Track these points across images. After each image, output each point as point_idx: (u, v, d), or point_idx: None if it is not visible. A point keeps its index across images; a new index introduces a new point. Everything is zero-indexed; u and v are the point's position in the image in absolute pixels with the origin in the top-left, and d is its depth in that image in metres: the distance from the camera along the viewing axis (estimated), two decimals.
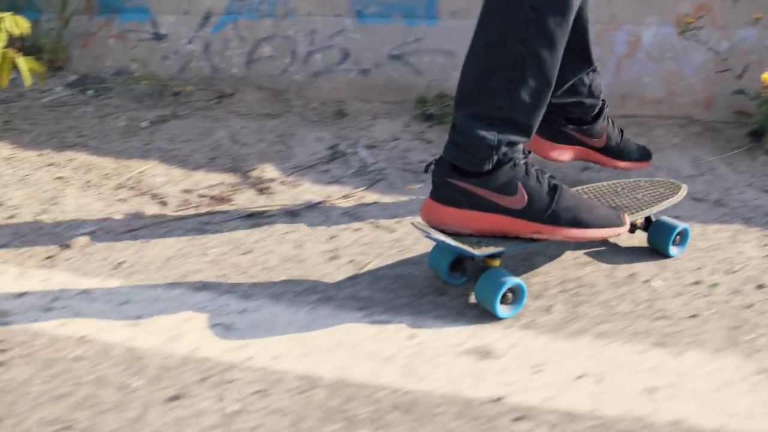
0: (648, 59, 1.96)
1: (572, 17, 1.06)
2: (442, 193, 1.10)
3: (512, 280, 1.06)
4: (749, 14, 1.93)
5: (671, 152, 1.79)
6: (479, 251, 1.06)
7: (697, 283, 1.18)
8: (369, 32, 2.15)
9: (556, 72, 1.07)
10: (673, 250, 1.27)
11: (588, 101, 1.46)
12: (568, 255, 1.29)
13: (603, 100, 1.48)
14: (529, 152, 1.14)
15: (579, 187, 1.32)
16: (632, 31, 1.99)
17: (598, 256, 1.29)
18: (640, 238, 1.32)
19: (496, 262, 1.11)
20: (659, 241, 1.27)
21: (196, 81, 2.23)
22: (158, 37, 2.33)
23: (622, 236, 1.28)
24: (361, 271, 1.25)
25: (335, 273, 1.24)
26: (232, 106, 2.13)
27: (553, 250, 1.30)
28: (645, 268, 1.24)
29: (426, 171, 1.13)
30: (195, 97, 2.18)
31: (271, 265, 1.27)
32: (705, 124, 1.91)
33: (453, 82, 1.12)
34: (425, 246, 1.29)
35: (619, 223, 1.14)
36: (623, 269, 1.24)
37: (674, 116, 1.93)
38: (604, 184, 1.36)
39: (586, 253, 1.29)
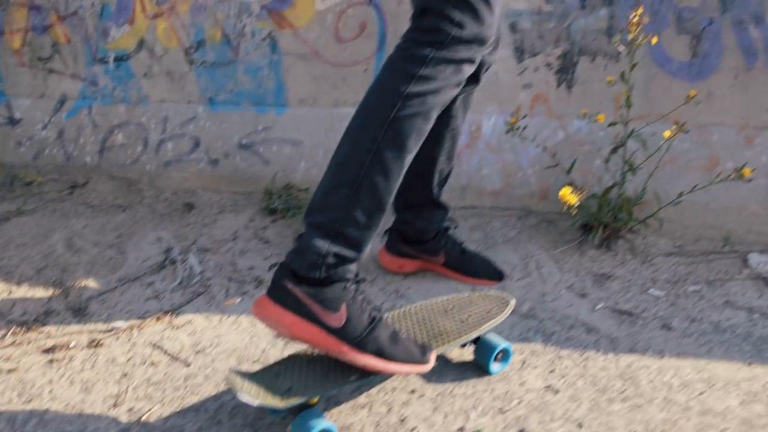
0: (487, 150, 2.00)
1: (409, 156, 1.19)
2: (276, 292, 1.15)
3: (322, 424, 1.08)
4: (583, 105, 1.98)
5: (505, 247, 1.83)
6: (284, 403, 1.07)
7: (460, 430, 1.20)
8: (220, 120, 2.14)
9: (389, 199, 1.18)
10: (494, 367, 1.32)
11: (424, 225, 1.62)
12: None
13: (444, 226, 1.58)
14: (363, 279, 1.22)
15: (411, 306, 1.36)
16: (473, 120, 2.02)
17: (425, 377, 1.31)
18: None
19: (315, 400, 1.13)
20: (482, 358, 1.33)
21: (49, 169, 2.20)
22: (12, 121, 2.28)
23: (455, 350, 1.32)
24: (138, 422, 1.24)
25: (109, 427, 1.23)
26: (84, 197, 2.10)
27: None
28: (422, 408, 1.25)
29: (269, 270, 1.19)
30: (47, 187, 2.14)
31: (48, 418, 1.26)
32: (541, 216, 1.96)
33: (300, 172, 1.16)
34: (213, 386, 1.29)
35: (422, 362, 1.20)
36: (400, 413, 1.25)
37: (512, 207, 1.97)
38: (437, 301, 1.40)
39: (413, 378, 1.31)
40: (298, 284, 1.15)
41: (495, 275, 1.65)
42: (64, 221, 1.96)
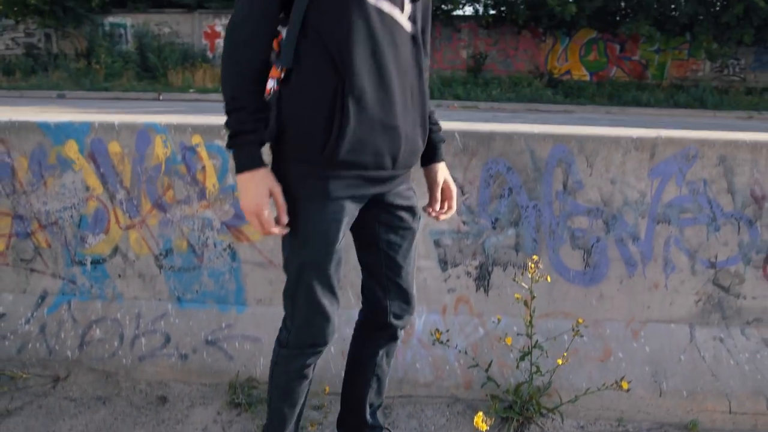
0: (420, 345, 2.35)
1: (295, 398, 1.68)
2: None
3: None
4: (499, 305, 2.36)
5: None
6: None
7: None
8: (188, 317, 2.45)
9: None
10: None
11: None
12: None
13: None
14: None
15: None
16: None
17: None
18: None
19: None
20: None
21: (33, 362, 2.45)
22: None
23: None
24: None
25: None
26: (67, 390, 2.36)
27: None
28: None
29: None
30: (31, 381, 2.39)
31: None
32: (467, 403, 2.32)
33: (260, 368, 1.50)
34: None
35: None
36: None
37: (442, 396, 2.32)
38: None
39: None
40: None
41: None
42: (51, 423, 2.21)
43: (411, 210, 1.64)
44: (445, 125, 2.13)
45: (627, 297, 2.36)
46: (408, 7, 1.46)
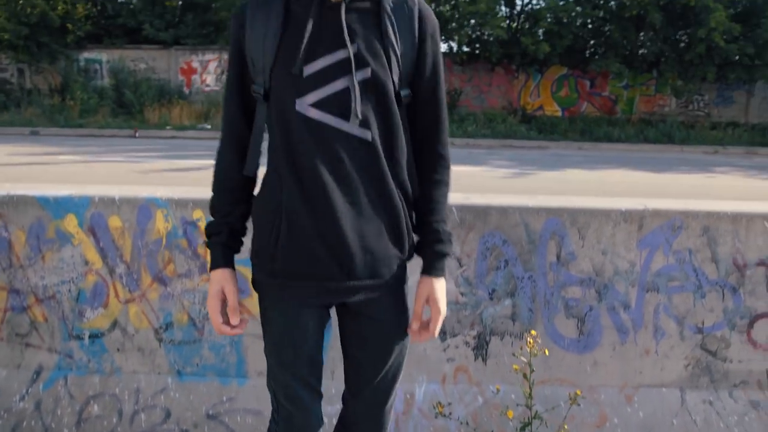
0: (420, 415, 2.39)
1: None
2: None
3: None
4: (497, 374, 2.41)
5: None
6: None
7: None
8: (188, 391, 2.44)
9: None
10: None
11: None
12: None
13: None
14: None
15: None
16: (407, 389, 2.41)
17: None
18: None
19: None
20: None
21: None
22: None
23: None
24: None
25: None
26: None
27: None
28: None
29: None
30: None
31: None
32: None
33: None
34: None
35: None
36: None
37: None
38: None
39: None
40: None
41: None
42: None
43: (384, 322, 1.53)
44: None
45: (620, 363, 2.43)
46: (359, 112, 1.37)
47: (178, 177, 8.76)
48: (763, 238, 2.39)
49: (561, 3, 16.73)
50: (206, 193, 2.50)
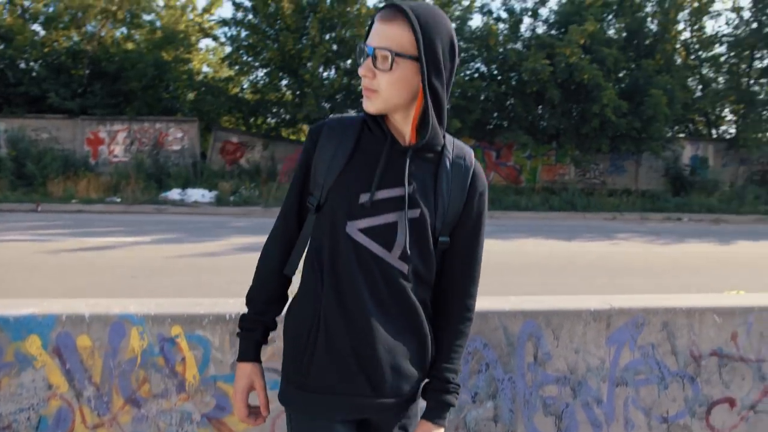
0: None
1: None
2: None
3: None
4: None
5: None
6: None
7: None
8: None
9: None
10: None
11: None
12: None
13: None
14: None
15: None
16: None
17: None
18: None
19: None
20: None
21: None
22: None
23: None
24: None
25: None
26: None
27: None
28: None
29: None
30: None
31: None
32: None
33: None
34: None
35: None
36: None
37: None
38: None
39: None
40: None
41: None
42: None
43: None
44: None
45: None
46: (400, 247, 1.45)
47: (94, 257, 8.32)
48: (714, 330, 2.60)
49: (468, 80, 17.74)
50: (183, 306, 2.43)
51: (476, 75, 18.51)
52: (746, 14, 19.36)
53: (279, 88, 18.88)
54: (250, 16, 18.08)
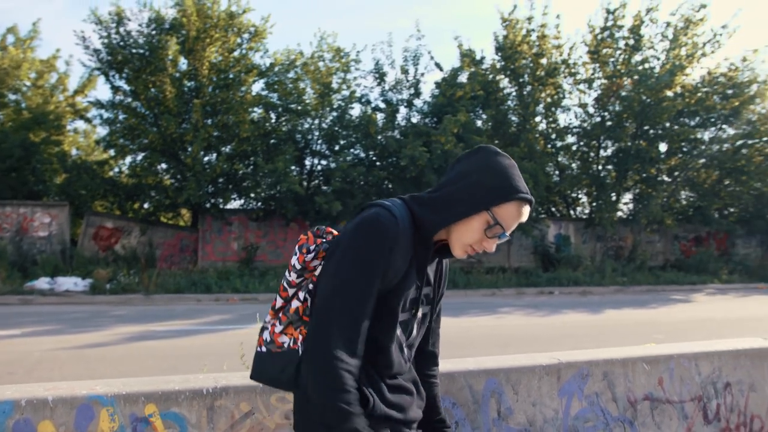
0: None
1: None
2: None
3: None
4: None
5: None
6: None
7: None
8: None
9: None
10: None
11: None
12: None
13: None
14: None
15: None
16: None
17: None
18: None
19: None
20: None
21: None
22: None
23: None
24: None
25: None
26: None
27: None
28: None
29: None
30: None
31: None
32: None
33: None
34: None
35: None
36: None
37: None
38: None
39: None
40: None
41: None
42: None
43: None
44: None
45: None
46: (413, 336, 1.77)
47: None
48: (644, 377, 2.91)
49: (349, 165, 18.32)
50: (158, 384, 2.34)
51: (356, 161, 19.18)
52: (591, 110, 21.95)
53: (157, 172, 18.39)
54: (129, 99, 17.71)
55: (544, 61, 20.76)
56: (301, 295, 1.73)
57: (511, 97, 21.18)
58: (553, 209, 23.58)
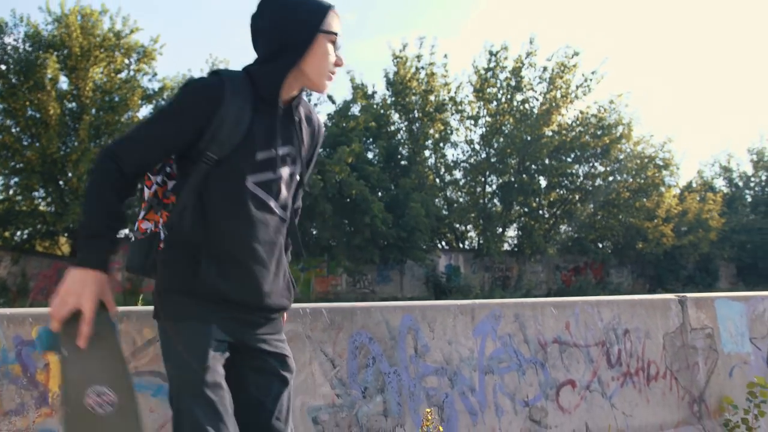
0: None
1: None
2: None
3: None
4: None
5: None
6: None
7: None
8: None
9: None
10: None
11: None
12: None
13: None
14: None
15: None
16: None
17: None
18: None
19: None
20: None
21: None
22: None
23: None
24: None
25: None
26: None
27: None
28: None
29: None
30: None
31: None
32: None
33: None
34: None
35: None
36: None
37: None
38: None
39: None
40: None
41: None
42: None
43: (280, 357, 1.69)
44: (313, 304, 2.33)
45: None
46: (283, 196, 1.68)
47: None
48: (553, 321, 2.98)
49: None
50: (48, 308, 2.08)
51: None
52: (476, 146, 23.02)
53: (33, 198, 17.02)
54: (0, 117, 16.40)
55: (432, 97, 21.62)
56: (159, 178, 1.74)
57: (401, 130, 21.78)
58: (443, 242, 24.24)
